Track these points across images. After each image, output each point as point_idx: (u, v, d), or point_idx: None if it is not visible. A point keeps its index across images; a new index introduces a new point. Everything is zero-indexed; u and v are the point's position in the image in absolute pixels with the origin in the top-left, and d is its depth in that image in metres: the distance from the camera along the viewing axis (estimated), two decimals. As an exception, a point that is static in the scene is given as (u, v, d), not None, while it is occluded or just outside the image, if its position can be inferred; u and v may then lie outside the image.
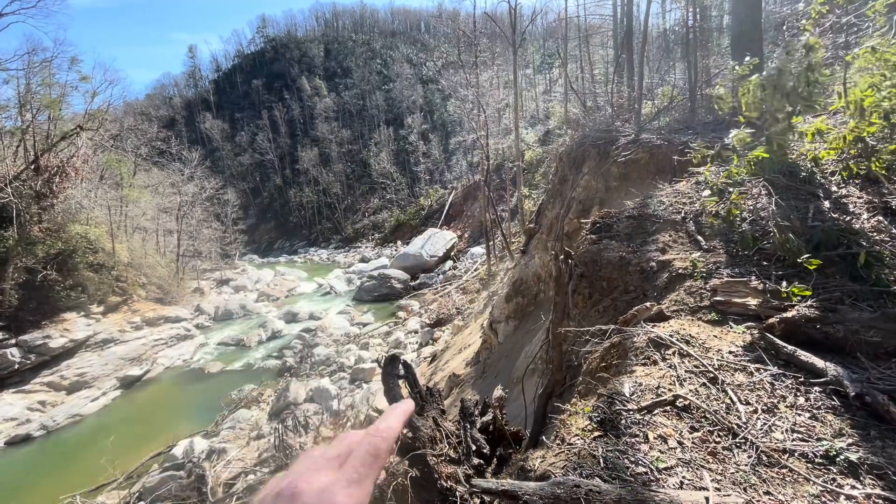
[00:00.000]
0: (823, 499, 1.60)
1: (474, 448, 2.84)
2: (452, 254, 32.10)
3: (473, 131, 26.57)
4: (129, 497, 10.55)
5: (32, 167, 19.95)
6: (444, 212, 41.60)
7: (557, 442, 1.97)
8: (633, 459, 1.79)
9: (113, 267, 20.90)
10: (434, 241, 31.87)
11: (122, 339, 18.97)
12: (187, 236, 31.72)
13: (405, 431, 2.92)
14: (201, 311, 25.24)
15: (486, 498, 2.16)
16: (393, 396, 3.11)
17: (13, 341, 16.19)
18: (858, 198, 4.05)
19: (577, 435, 1.97)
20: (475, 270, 25.16)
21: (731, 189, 4.24)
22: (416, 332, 19.25)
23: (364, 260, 39.72)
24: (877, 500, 1.59)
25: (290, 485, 0.46)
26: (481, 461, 2.83)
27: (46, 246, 18.62)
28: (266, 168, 70.47)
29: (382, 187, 56.78)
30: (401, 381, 3.33)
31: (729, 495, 1.52)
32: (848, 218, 3.69)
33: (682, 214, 4.60)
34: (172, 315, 22.14)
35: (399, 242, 43.51)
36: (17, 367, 15.75)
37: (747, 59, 4.99)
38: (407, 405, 0.66)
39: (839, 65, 6.73)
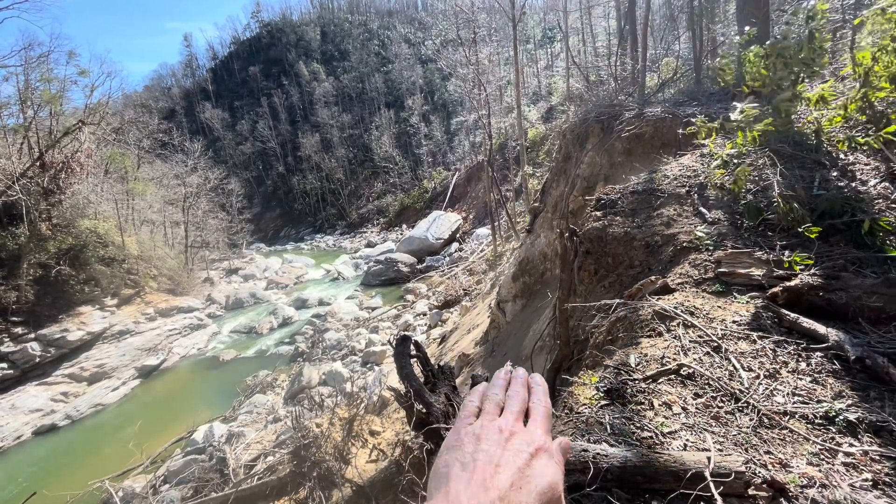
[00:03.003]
0: (822, 456, 1.68)
1: (486, 421, 2.93)
2: (458, 236, 32.11)
3: (475, 110, 26.26)
4: (154, 480, 10.98)
5: (38, 164, 20.10)
6: (448, 194, 41.41)
7: (566, 411, 2.05)
8: (638, 425, 1.87)
9: (124, 260, 21.22)
10: (439, 224, 31.85)
11: (138, 330, 19.39)
12: (194, 227, 31.96)
13: (419, 407, 3.04)
14: (212, 301, 25.63)
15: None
16: (406, 375, 3.22)
17: (32, 335, 16.63)
18: (865, 165, 4.02)
19: (584, 404, 2.05)
20: (481, 251, 25.22)
21: (735, 161, 4.22)
22: (424, 314, 19.47)
23: (370, 245, 39.87)
24: (874, 456, 1.66)
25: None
26: (493, 433, 2.93)
27: (58, 241, 18.91)
28: (268, 156, 70.21)
29: (385, 171, 56.50)
30: (413, 361, 3.44)
31: (730, 455, 1.60)
32: (854, 185, 3.67)
33: (687, 188, 4.59)
34: (185, 305, 22.54)
35: (404, 226, 43.51)
36: (38, 360, 16.22)
37: (748, 28, 4.89)
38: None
39: (849, 28, 6.57)
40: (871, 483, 1.55)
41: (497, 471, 0.46)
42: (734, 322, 2.57)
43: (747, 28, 5.00)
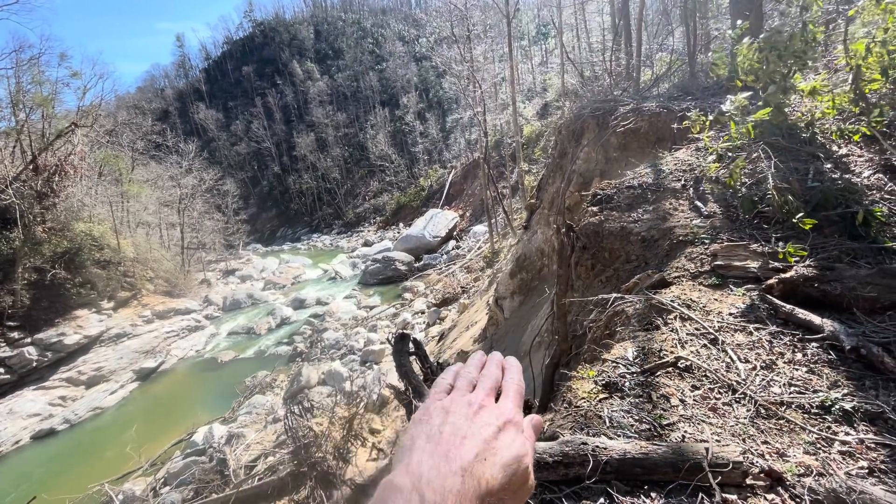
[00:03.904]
0: (818, 445, 1.69)
1: (485, 417, 2.94)
2: (455, 233, 32.10)
3: (470, 108, 26.22)
4: (154, 483, 10.95)
5: (31, 167, 19.95)
6: (445, 192, 41.34)
7: (565, 405, 2.06)
8: (637, 418, 1.88)
9: (119, 263, 21.11)
10: (436, 222, 31.83)
11: (135, 332, 19.31)
12: (190, 229, 31.80)
13: (419, 404, 3.05)
14: (210, 302, 25.53)
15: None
16: (405, 372, 3.22)
17: (29, 340, 16.54)
18: (859, 156, 4.04)
19: (583, 398, 2.06)
20: (478, 249, 25.22)
21: (730, 154, 4.24)
22: (422, 312, 19.47)
23: (367, 244, 39.78)
24: (870, 444, 1.67)
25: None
26: (493, 429, 2.94)
27: (52, 245, 18.79)
28: (263, 156, 69.92)
29: (381, 170, 56.35)
30: (412, 358, 3.45)
31: (728, 445, 1.61)
32: (848, 177, 3.69)
33: (683, 182, 4.61)
34: (182, 307, 22.45)
35: (401, 224, 43.44)
36: (34, 364, 16.14)
37: (739, 22, 4.90)
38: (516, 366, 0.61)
39: (842, 19, 6.58)
40: (867, 470, 1.57)
41: (463, 442, 0.45)
42: (731, 314, 2.58)
43: (739, 22, 5.01)
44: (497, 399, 0.53)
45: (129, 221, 26.54)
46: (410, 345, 3.34)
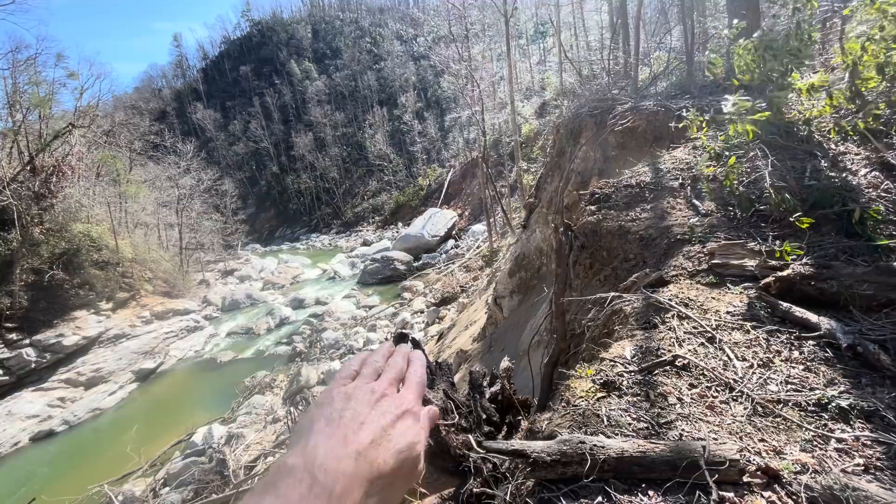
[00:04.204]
0: (815, 443, 1.70)
1: (484, 417, 2.96)
2: (454, 233, 32.12)
3: (468, 107, 26.21)
4: (154, 483, 10.95)
5: (28, 168, 19.91)
6: (444, 191, 41.36)
7: (563, 404, 2.07)
8: (635, 416, 1.89)
9: (118, 263, 21.07)
10: (435, 221, 31.85)
11: (134, 333, 19.30)
12: (188, 229, 31.76)
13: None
14: (209, 303, 25.51)
15: (497, 461, 2.28)
16: (403, 372, 3.22)
17: (27, 341, 16.52)
18: (856, 154, 4.05)
19: (581, 397, 2.07)
20: (477, 248, 25.23)
21: (727, 153, 4.25)
22: (422, 311, 19.49)
23: (366, 243, 39.78)
24: (866, 442, 1.68)
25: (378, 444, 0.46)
26: (492, 428, 2.95)
27: (50, 246, 18.76)
28: (261, 156, 69.85)
29: (380, 169, 56.36)
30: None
31: (725, 443, 1.62)
32: (845, 175, 3.71)
33: (680, 181, 4.62)
34: (181, 308, 22.43)
35: (400, 224, 43.46)
36: (33, 366, 16.12)
37: (735, 21, 4.91)
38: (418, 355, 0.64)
39: (838, 17, 6.60)
40: (862, 468, 1.58)
41: (361, 428, 0.47)
42: (728, 313, 2.59)
43: (735, 21, 5.02)
44: (400, 390, 0.55)
45: (128, 222, 26.49)
46: (409, 344, 3.34)
